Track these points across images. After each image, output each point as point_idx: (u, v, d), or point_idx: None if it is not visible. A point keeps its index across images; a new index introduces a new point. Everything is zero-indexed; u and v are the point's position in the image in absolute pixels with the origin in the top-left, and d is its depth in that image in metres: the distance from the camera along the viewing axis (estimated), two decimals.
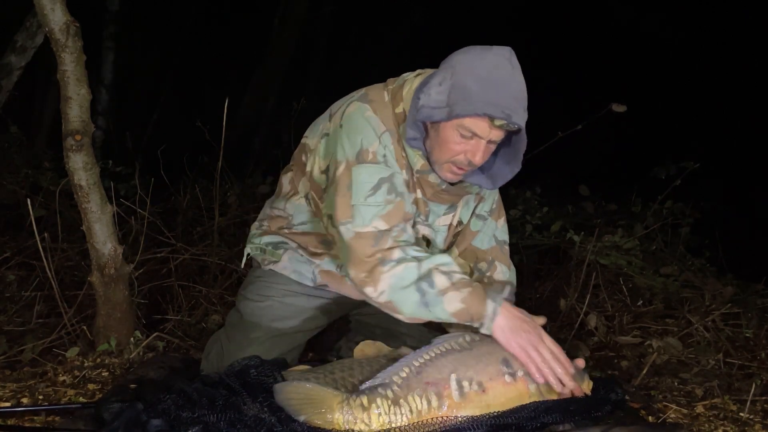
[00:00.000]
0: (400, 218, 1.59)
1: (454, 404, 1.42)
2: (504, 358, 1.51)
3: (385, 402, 1.38)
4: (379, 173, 1.60)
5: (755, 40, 5.77)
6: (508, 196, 3.91)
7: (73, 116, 1.98)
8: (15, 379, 1.93)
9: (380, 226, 1.57)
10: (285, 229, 1.87)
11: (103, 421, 1.44)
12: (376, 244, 1.56)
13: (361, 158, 1.61)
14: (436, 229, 1.79)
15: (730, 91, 6.07)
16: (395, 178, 1.61)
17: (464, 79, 1.52)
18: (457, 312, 1.53)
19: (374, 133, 1.62)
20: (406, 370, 1.44)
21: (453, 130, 1.55)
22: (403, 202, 1.60)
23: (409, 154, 1.66)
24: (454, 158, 1.59)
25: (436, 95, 1.55)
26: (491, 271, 1.85)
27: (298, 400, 1.38)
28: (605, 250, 3.04)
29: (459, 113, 1.50)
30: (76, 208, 2.10)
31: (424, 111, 1.56)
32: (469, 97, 1.50)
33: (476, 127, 1.53)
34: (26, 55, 3.15)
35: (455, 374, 1.44)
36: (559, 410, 1.48)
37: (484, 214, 1.86)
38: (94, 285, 2.12)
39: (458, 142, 1.56)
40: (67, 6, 1.95)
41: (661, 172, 3.43)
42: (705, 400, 1.96)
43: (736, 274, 3.31)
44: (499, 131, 1.55)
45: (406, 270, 1.54)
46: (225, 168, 3.06)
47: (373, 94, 1.69)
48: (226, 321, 1.95)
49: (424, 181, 1.69)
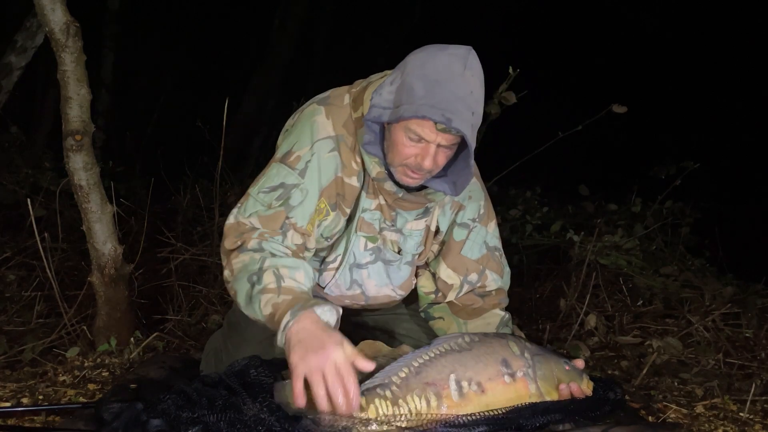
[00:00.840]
0: (275, 227, 1.52)
1: (453, 404, 1.41)
2: (504, 358, 1.51)
3: (383, 402, 1.38)
4: (285, 177, 1.56)
5: (755, 40, 5.77)
6: (508, 196, 3.92)
7: (73, 116, 1.98)
8: (15, 379, 1.93)
9: (255, 224, 1.53)
10: None
11: (103, 421, 1.44)
12: (242, 234, 1.52)
13: (284, 158, 1.58)
14: (407, 233, 1.73)
15: (730, 90, 6.07)
16: (295, 190, 1.55)
17: (411, 79, 1.44)
18: (267, 315, 1.43)
19: (310, 139, 1.58)
20: (405, 370, 1.43)
21: (401, 132, 1.48)
22: (283, 213, 1.53)
23: (366, 161, 1.60)
24: (405, 161, 1.52)
25: (387, 95, 1.49)
26: (482, 281, 1.80)
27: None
28: (605, 250, 3.04)
29: (402, 115, 1.43)
30: (76, 208, 2.10)
31: (373, 111, 1.51)
32: (412, 98, 1.42)
33: (421, 130, 1.45)
34: (26, 55, 3.16)
35: (454, 374, 1.44)
36: (559, 410, 1.47)
37: (468, 222, 1.78)
38: (94, 285, 2.12)
39: (407, 145, 1.48)
40: (67, 6, 1.95)
41: (661, 172, 3.43)
42: (705, 400, 1.96)
43: (736, 274, 3.31)
44: (445, 135, 1.46)
45: (251, 260, 1.48)
46: (225, 168, 3.06)
47: (334, 97, 1.65)
48: (225, 321, 1.94)
49: (381, 188, 1.63)
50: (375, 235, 1.69)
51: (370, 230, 1.68)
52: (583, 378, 1.57)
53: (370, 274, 1.73)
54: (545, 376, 1.54)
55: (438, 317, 1.86)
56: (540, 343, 2.50)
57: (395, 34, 6.70)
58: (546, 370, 1.54)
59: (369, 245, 1.70)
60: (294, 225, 1.55)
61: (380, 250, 1.71)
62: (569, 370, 1.58)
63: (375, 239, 1.69)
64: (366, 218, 1.67)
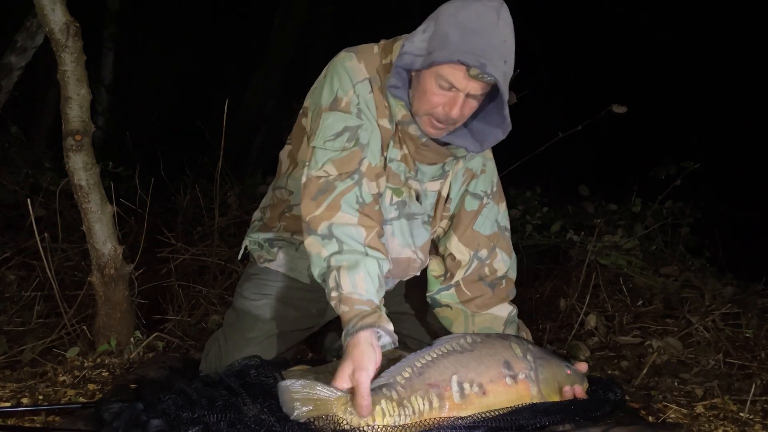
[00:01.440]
0: (353, 167, 1.56)
1: (454, 406, 1.41)
2: (506, 360, 1.51)
3: (389, 403, 1.38)
4: (345, 121, 1.58)
5: (755, 40, 5.77)
6: (508, 197, 3.90)
7: (73, 116, 1.98)
8: (15, 379, 1.93)
9: (330, 171, 1.55)
10: (286, 213, 1.85)
11: (103, 421, 1.44)
12: (317, 196, 1.54)
13: (333, 105, 1.61)
14: (424, 194, 1.75)
15: (729, 90, 6.07)
16: (361, 130, 1.59)
17: (445, 26, 1.48)
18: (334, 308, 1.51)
19: (350, 82, 1.61)
20: (409, 370, 1.43)
21: (431, 79, 1.51)
22: (359, 152, 1.56)
23: (392, 104, 1.63)
24: (432, 110, 1.55)
25: (419, 42, 1.52)
26: (491, 259, 1.81)
27: (302, 400, 1.38)
28: (605, 250, 3.04)
29: (435, 60, 1.47)
30: (76, 208, 2.10)
31: (405, 58, 1.53)
32: (446, 44, 1.46)
33: (452, 76, 1.48)
34: (26, 55, 3.15)
35: (456, 376, 1.44)
36: (559, 410, 1.47)
37: (481, 193, 1.80)
38: (94, 285, 2.12)
39: (436, 93, 1.52)
40: (67, 6, 1.95)
41: (661, 172, 3.42)
42: (705, 400, 1.95)
43: (736, 274, 3.31)
44: (476, 83, 1.49)
45: (317, 256, 1.53)
46: (225, 168, 3.06)
47: (363, 47, 1.69)
48: (224, 320, 1.95)
49: (405, 133, 1.65)
50: (400, 188, 1.69)
51: (396, 181, 1.68)
52: (584, 382, 1.58)
53: (393, 231, 1.71)
54: (547, 379, 1.54)
55: (445, 305, 1.86)
56: (540, 344, 2.50)
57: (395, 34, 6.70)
58: (548, 374, 1.54)
59: (395, 199, 1.69)
60: (369, 166, 1.57)
61: (405, 204, 1.71)
62: (570, 374, 1.59)
63: (400, 192, 1.70)
64: (393, 168, 1.68)
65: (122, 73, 5.90)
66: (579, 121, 2.83)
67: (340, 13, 6.59)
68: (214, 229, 2.86)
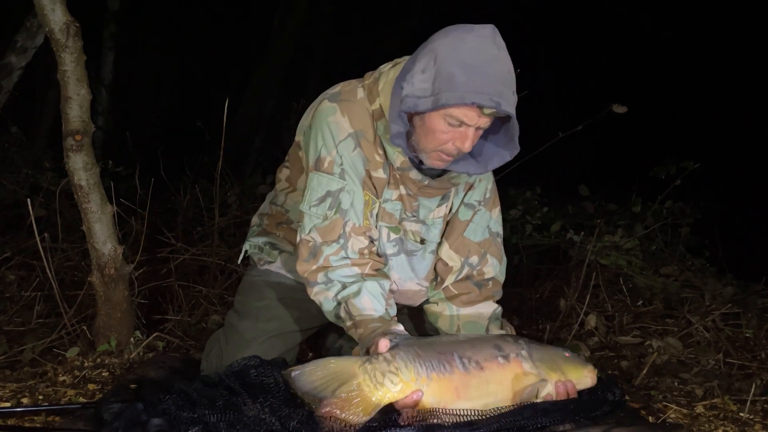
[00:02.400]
0: (336, 235, 1.62)
1: (460, 374, 1.45)
2: (496, 344, 1.56)
3: (407, 357, 1.43)
4: (328, 185, 1.62)
5: (755, 40, 5.77)
6: (508, 196, 3.91)
7: (73, 116, 1.98)
8: (15, 379, 1.93)
9: (316, 237, 1.63)
10: (284, 224, 1.89)
11: (103, 421, 1.44)
12: (308, 259, 1.64)
13: (317, 165, 1.64)
14: (430, 223, 1.78)
15: (729, 90, 6.07)
16: (343, 193, 1.62)
17: (448, 65, 1.44)
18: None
19: (333, 141, 1.62)
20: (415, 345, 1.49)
21: (440, 119, 1.49)
22: (340, 220, 1.62)
23: (389, 152, 1.64)
24: (442, 147, 1.54)
25: (420, 83, 1.48)
26: (482, 265, 1.84)
27: (322, 379, 1.39)
28: (605, 250, 3.04)
29: (446, 103, 1.44)
30: (76, 208, 2.10)
31: (408, 101, 1.49)
32: (455, 85, 1.43)
33: (464, 116, 1.47)
34: (26, 55, 3.15)
35: (456, 353, 1.49)
36: (560, 410, 1.48)
37: (474, 203, 1.82)
38: (94, 285, 2.12)
39: (446, 131, 1.51)
40: (67, 6, 1.95)
41: (661, 172, 3.42)
42: (705, 400, 1.95)
43: (736, 274, 3.30)
44: (488, 118, 1.50)
45: (325, 300, 1.66)
46: (225, 168, 3.05)
47: (346, 92, 1.67)
48: (225, 321, 1.95)
49: (406, 178, 1.68)
50: (396, 226, 1.73)
51: (391, 220, 1.72)
52: (586, 365, 1.58)
53: (393, 266, 1.76)
54: (542, 358, 1.56)
55: (432, 302, 1.90)
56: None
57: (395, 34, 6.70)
58: (543, 353, 1.57)
59: (392, 236, 1.73)
60: (353, 227, 1.63)
61: (402, 242, 1.75)
62: (570, 356, 1.59)
63: (397, 230, 1.74)
64: (387, 208, 1.70)
65: (122, 73, 5.89)
66: (579, 121, 2.83)
67: (340, 13, 6.59)
68: (214, 229, 2.86)
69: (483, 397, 1.45)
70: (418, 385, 1.40)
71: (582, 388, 1.58)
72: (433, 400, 1.41)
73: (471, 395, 1.44)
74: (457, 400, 1.42)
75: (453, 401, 1.42)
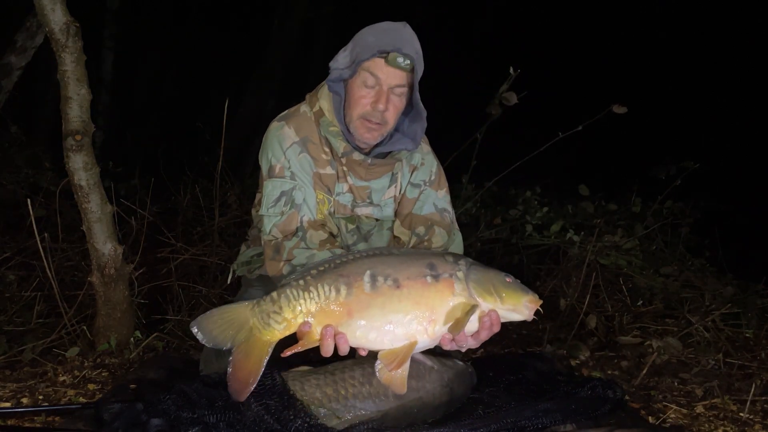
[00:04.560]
0: (294, 227, 1.75)
1: (363, 295, 1.44)
2: (430, 262, 1.51)
3: (294, 291, 1.44)
4: (281, 186, 1.78)
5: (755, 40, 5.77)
6: (508, 196, 3.91)
7: (73, 116, 1.98)
8: (15, 379, 1.93)
9: (276, 234, 1.75)
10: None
11: (103, 421, 1.44)
12: (273, 256, 1.73)
13: (270, 173, 1.81)
14: (383, 204, 1.90)
15: (729, 91, 6.07)
16: (295, 191, 1.78)
17: (362, 37, 1.74)
18: None
19: (281, 149, 1.81)
20: (325, 265, 1.49)
21: (358, 81, 1.73)
22: (296, 213, 1.76)
23: (333, 143, 1.81)
24: (363, 111, 1.73)
25: (343, 59, 1.75)
26: (429, 234, 1.90)
27: (220, 328, 1.42)
28: (605, 250, 3.04)
29: (359, 59, 1.69)
30: (76, 208, 2.10)
31: (334, 73, 1.75)
32: (366, 46, 1.71)
33: (375, 67, 1.70)
34: (26, 55, 3.16)
35: (371, 270, 1.48)
36: (560, 410, 1.48)
37: (420, 182, 1.95)
38: (94, 285, 2.12)
39: (364, 94, 1.72)
40: (67, 6, 1.95)
41: (661, 172, 3.42)
42: (705, 400, 1.96)
43: (736, 274, 3.30)
44: (396, 71, 1.69)
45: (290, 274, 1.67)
46: (225, 168, 3.06)
47: (291, 111, 1.89)
48: None
49: (352, 161, 1.82)
50: (350, 215, 1.88)
51: (344, 210, 1.87)
52: (527, 293, 1.51)
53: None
54: (480, 280, 1.50)
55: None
56: (540, 344, 2.50)
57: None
58: (481, 276, 1.51)
59: (349, 227, 1.88)
60: (309, 221, 1.76)
61: (359, 229, 1.90)
62: (512, 282, 1.53)
63: (353, 220, 1.88)
64: (340, 201, 1.86)
65: (122, 73, 5.90)
66: (579, 121, 2.83)
67: (340, 13, 6.60)
68: (214, 229, 2.86)
69: (389, 315, 1.44)
70: (302, 319, 1.44)
71: (516, 319, 1.51)
72: (327, 325, 1.43)
73: (372, 314, 1.44)
74: (350, 320, 1.43)
75: (346, 323, 1.43)
